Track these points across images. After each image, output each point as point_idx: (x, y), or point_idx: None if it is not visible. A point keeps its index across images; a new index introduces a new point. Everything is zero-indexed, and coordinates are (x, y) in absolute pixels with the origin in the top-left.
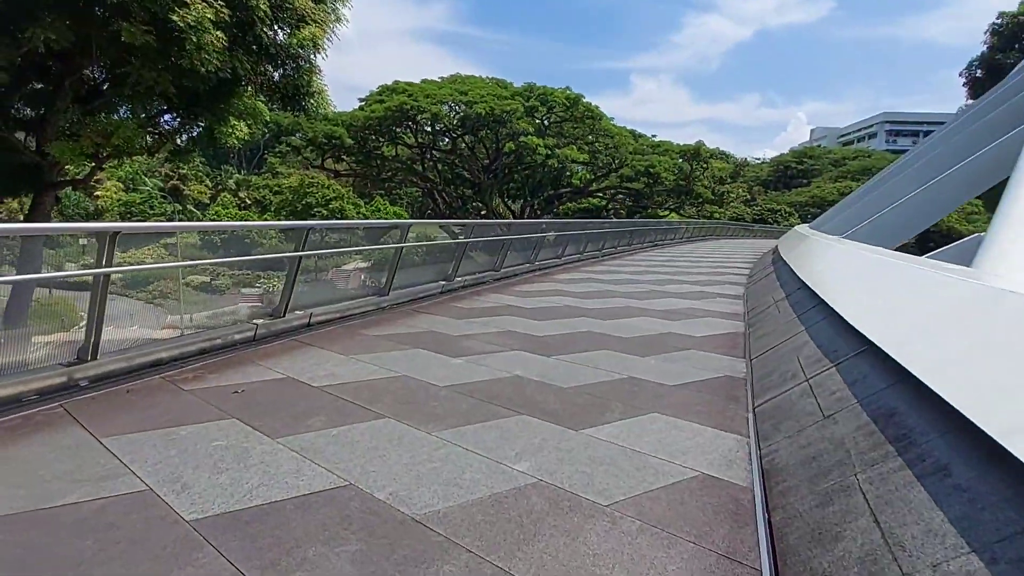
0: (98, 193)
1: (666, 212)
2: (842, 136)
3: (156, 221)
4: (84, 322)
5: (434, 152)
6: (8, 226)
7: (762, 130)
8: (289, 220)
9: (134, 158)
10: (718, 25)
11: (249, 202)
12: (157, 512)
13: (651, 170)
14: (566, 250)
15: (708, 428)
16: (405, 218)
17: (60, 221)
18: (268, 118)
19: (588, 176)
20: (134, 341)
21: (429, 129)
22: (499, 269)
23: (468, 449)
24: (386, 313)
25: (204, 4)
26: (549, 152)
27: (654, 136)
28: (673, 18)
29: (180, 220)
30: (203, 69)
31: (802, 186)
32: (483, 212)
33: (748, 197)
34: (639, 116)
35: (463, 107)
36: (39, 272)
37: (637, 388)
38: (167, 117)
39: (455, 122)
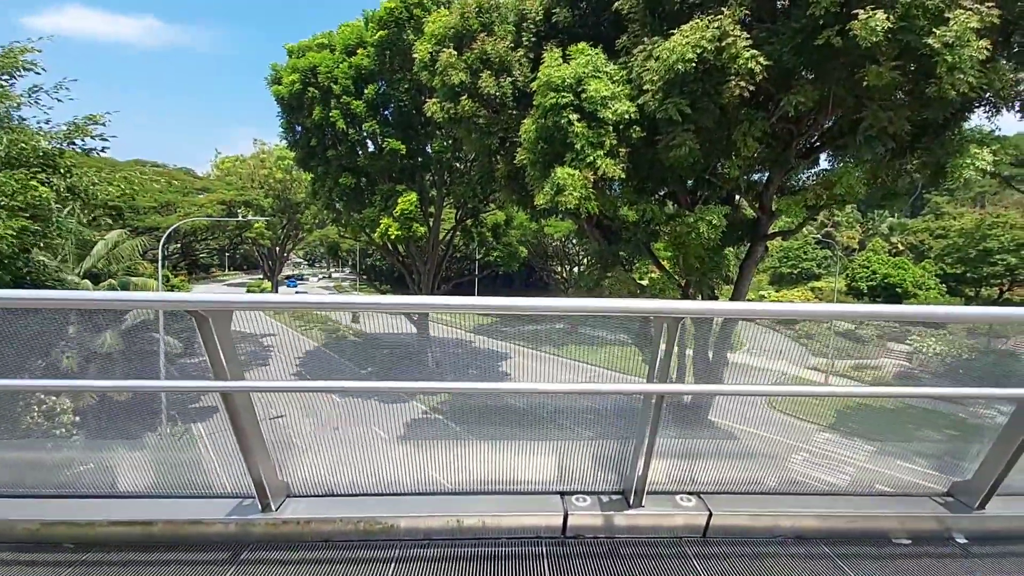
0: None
1: None
2: None
3: (808, 265)
4: (746, 346)
5: None
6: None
7: None
8: (955, 268)
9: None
10: None
11: (902, 248)
12: None
13: None
14: None
15: None
16: None
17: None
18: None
19: None
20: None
21: None
22: None
23: None
24: None
25: (969, 12)
26: None
27: None
28: None
29: (828, 264)
30: (953, 92)
31: None
32: None
33: None
34: None
35: None
36: None
37: None
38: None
39: None
